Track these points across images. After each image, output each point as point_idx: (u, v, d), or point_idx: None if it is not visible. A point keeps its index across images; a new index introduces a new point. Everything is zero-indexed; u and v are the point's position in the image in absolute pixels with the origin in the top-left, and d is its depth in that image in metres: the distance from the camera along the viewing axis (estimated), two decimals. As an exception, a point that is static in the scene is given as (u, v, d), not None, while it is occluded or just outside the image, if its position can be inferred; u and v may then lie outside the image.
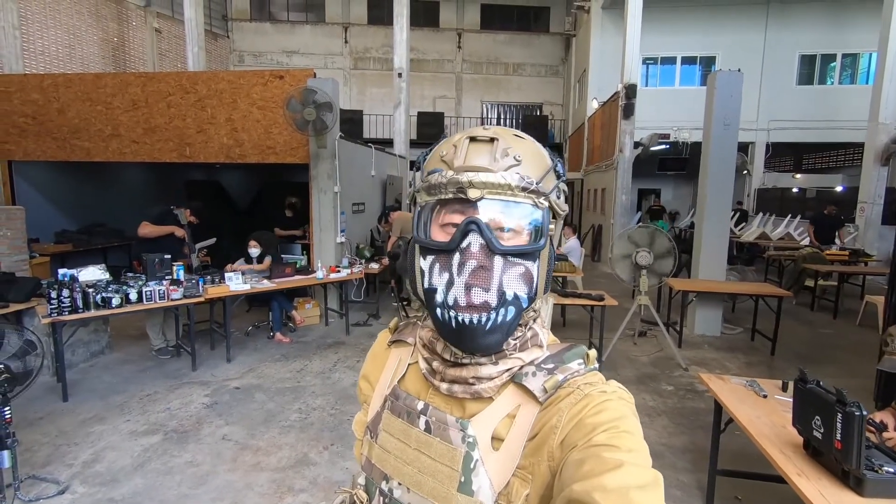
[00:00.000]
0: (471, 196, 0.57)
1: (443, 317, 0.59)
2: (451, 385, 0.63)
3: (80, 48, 12.34)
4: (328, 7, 18.02)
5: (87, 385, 4.14)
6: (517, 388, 0.61)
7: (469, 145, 0.60)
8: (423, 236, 0.62)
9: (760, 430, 2.06)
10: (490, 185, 0.57)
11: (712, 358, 5.00)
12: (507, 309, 0.58)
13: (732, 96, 5.40)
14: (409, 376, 0.71)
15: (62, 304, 3.71)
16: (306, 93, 5.34)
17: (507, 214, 0.58)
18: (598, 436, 0.53)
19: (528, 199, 0.58)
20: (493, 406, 0.61)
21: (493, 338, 0.58)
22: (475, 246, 0.57)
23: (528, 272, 0.59)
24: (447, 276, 0.58)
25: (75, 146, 6.53)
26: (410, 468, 0.63)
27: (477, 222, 0.56)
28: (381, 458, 0.67)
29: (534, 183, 0.58)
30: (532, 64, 18.56)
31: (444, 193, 0.59)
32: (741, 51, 12.89)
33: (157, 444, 3.20)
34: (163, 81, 6.32)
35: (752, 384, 2.52)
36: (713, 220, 5.61)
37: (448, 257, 0.58)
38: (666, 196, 17.07)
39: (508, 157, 0.59)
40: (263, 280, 5.14)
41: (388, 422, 0.67)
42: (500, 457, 0.58)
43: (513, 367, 0.62)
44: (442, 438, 0.61)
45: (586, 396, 0.57)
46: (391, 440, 0.66)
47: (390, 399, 0.69)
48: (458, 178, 0.58)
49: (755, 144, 13.52)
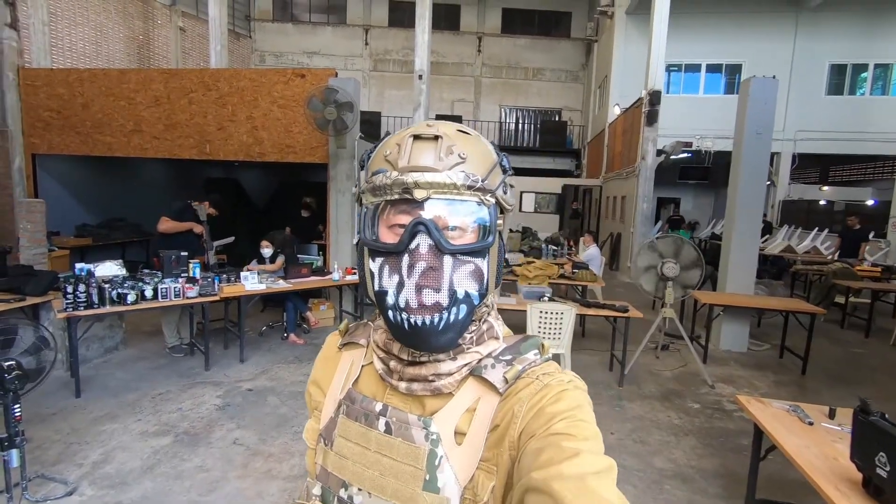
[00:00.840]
0: (417, 197, 0.57)
1: (395, 319, 0.59)
2: (411, 384, 0.63)
3: (107, 45, 12.51)
4: (349, 9, 18.09)
5: (101, 381, 4.10)
6: (477, 381, 0.62)
7: (413, 144, 0.59)
8: (371, 238, 0.61)
9: (811, 462, 1.91)
10: (436, 184, 0.56)
11: (739, 375, 4.80)
12: (458, 308, 0.58)
13: (767, 104, 5.21)
14: (363, 378, 0.69)
15: (78, 300, 3.67)
16: (328, 92, 5.28)
17: (454, 213, 0.58)
18: (556, 424, 0.54)
19: (474, 197, 0.58)
20: (453, 401, 0.61)
21: (446, 337, 0.59)
22: (424, 247, 0.56)
23: (478, 269, 0.59)
24: (397, 277, 0.58)
25: (98, 141, 6.56)
26: (371, 472, 0.62)
27: (425, 223, 0.56)
28: (337, 465, 0.65)
29: (480, 180, 0.58)
30: (552, 69, 18.40)
31: (389, 194, 0.58)
32: (769, 59, 12.60)
33: (167, 446, 3.13)
34: (185, 78, 6.32)
35: (796, 410, 2.36)
36: (743, 232, 5.42)
37: (397, 259, 0.58)
38: (686, 205, 16.75)
39: (453, 154, 0.58)
40: (279, 280, 5.07)
41: (345, 426, 0.66)
42: (463, 451, 0.59)
43: (471, 361, 0.63)
44: (404, 438, 0.60)
45: (546, 386, 0.58)
46: (348, 445, 0.65)
47: (345, 403, 0.67)
48: (403, 179, 0.57)
49: (781, 155, 13.18)
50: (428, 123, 0.61)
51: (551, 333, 4.05)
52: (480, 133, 0.65)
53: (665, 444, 3.42)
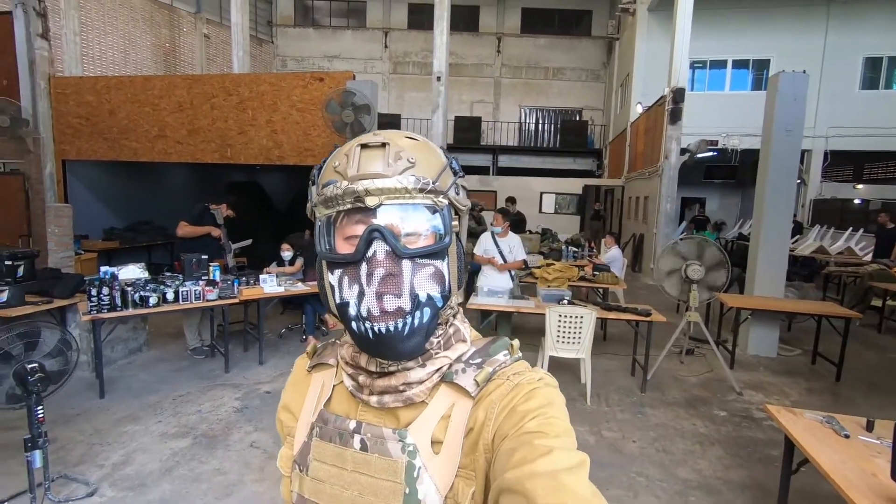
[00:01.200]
0: (369, 204, 0.57)
1: (359, 329, 0.58)
2: (382, 396, 0.62)
3: (135, 53, 12.87)
4: (369, 12, 18.23)
5: (124, 383, 4.18)
6: (449, 388, 0.61)
7: (361, 153, 0.59)
8: (328, 250, 0.61)
9: (848, 479, 1.79)
10: (387, 190, 0.56)
11: (769, 382, 4.62)
12: (422, 311, 0.58)
13: (796, 100, 5.02)
14: (335, 398, 0.68)
15: (102, 302, 3.75)
16: (345, 95, 5.30)
17: (407, 219, 0.58)
18: (528, 423, 0.54)
19: (426, 200, 0.58)
20: (427, 410, 0.61)
21: (412, 342, 0.58)
22: (381, 253, 0.56)
23: (438, 271, 0.59)
24: (357, 287, 0.57)
25: (124, 146, 6.73)
26: (349, 492, 0.61)
27: (379, 229, 0.56)
28: (314, 490, 0.63)
29: (430, 183, 0.58)
30: (573, 68, 18.19)
31: (341, 205, 0.58)
32: (798, 53, 12.19)
33: (186, 448, 3.16)
34: (207, 84, 6.43)
35: (831, 421, 2.23)
36: (772, 233, 5.22)
37: (356, 268, 0.57)
38: (711, 206, 16.33)
39: (402, 159, 0.58)
40: (297, 283, 5.10)
41: (319, 449, 0.64)
42: (441, 460, 0.58)
43: (441, 367, 0.62)
44: (380, 453, 0.59)
45: (517, 386, 0.58)
46: (324, 468, 0.63)
47: (318, 425, 0.65)
48: (353, 188, 0.57)
49: (812, 152, 12.72)
50: (374, 133, 0.62)
51: (571, 337, 3.96)
52: (503, 132, 0.63)
53: (690, 453, 3.30)
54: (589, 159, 17.49)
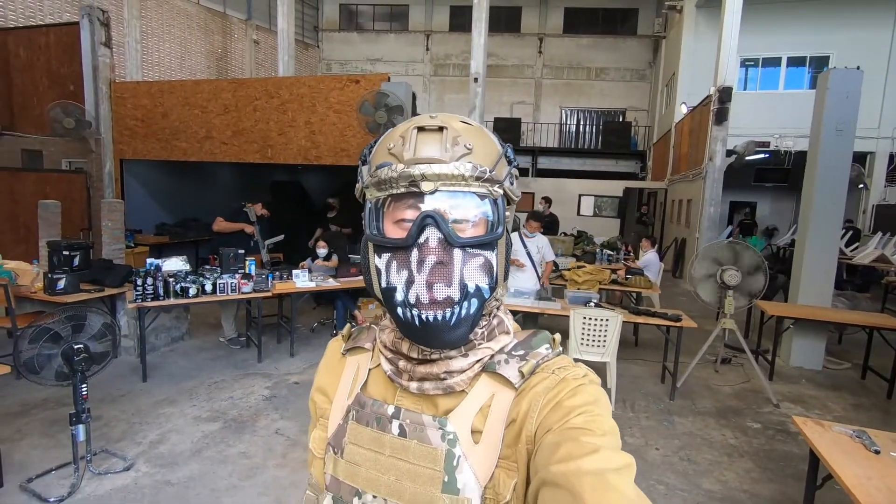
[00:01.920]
0: (424, 189, 0.55)
1: (405, 316, 0.57)
2: (422, 383, 0.61)
3: (189, 59, 13.61)
4: (412, 16, 18.48)
5: (166, 369, 4.44)
6: (490, 378, 0.61)
7: (418, 135, 0.58)
8: (377, 233, 0.59)
9: (871, 496, 1.70)
10: (443, 176, 0.55)
11: (811, 395, 4.37)
12: (470, 302, 0.57)
13: (849, 97, 4.72)
14: (371, 382, 0.68)
15: (146, 292, 4.00)
16: (378, 96, 5.42)
17: (461, 205, 0.57)
18: (574, 418, 0.53)
19: (482, 188, 0.57)
20: (468, 399, 0.60)
21: (459, 332, 0.57)
22: (433, 240, 0.55)
23: (487, 262, 0.58)
24: (406, 273, 0.56)
25: (175, 147, 7.14)
26: (386, 477, 0.60)
27: (433, 216, 0.55)
28: (349, 473, 0.63)
29: (487, 171, 0.56)
30: (616, 68, 17.77)
31: (395, 188, 0.57)
32: (861, 49, 11.41)
33: (216, 431, 3.33)
34: (251, 87, 6.74)
35: (861, 435, 2.11)
36: (819, 238, 4.93)
37: (405, 254, 0.56)
38: (763, 210, 15.53)
39: (459, 145, 0.57)
40: (329, 278, 5.26)
41: (355, 433, 0.64)
42: (481, 450, 0.57)
43: (483, 357, 0.62)
44: (419, 440, 0.59)
45: (563, 380, 0.57)
46: (360, 451, 0.63)
47: (354, 408, 0.65)
48: (409, 172, 0.55)
49: (875, 154, 11.90)
50: (431, 115, 0.60)
51: (595, 341, 3.90)
52: (543, 133, 0.64)
53: (716, 464, 3.18)
54: (632, 161, 17.02)
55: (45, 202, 4.86)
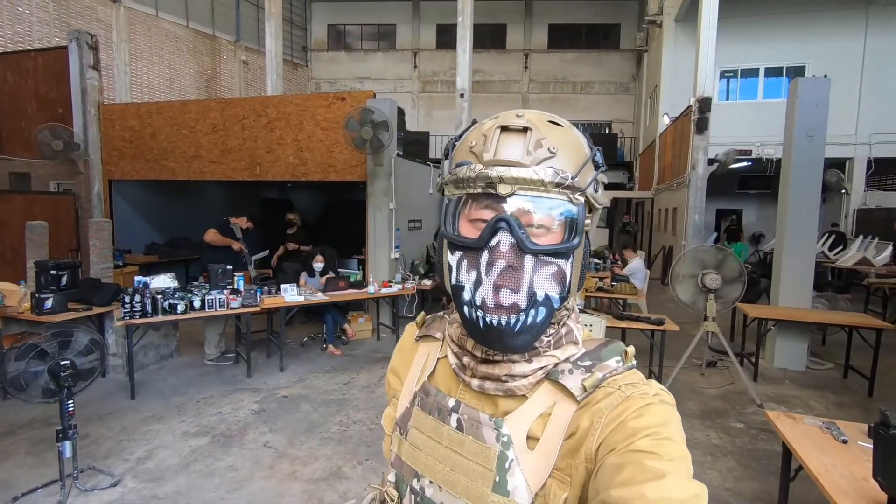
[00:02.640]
0: (501, 192, 0.54)
1: (470, 316, 0.57)
2: (483, 382, 0.61)
3: (179, 80, 13.74)
4: (399, 34, 18.81)
5: (154, 386, 4.44)
6: (553, 386, 0.59)
7: (500, 136, 0.56)
8: (451, 231, 0.59)
9: (835, 482, 1.76)
10: (521, 180, 0.54)
11: (794, 395, 4.45)
12: (537, 310, 0.55)
13: (818, 105, 4.89)
14: (438, 372, 0.69)
15: (134, 309, 4.02)
16: (364, 113, 5.52)
17: (539, 210, 0.55)
18: (639, 441, 0.50)
19: (562, 196, 0.55)
20: (527, 404, 0.59)
21: (522, 339, 0.56)
22: (504, 245, 0.54)
23: (560, 271, 0.56)
24: (475, 274, 0.56)
25: (163, 167, 7.19)
26: (442, 466, 0.61)
27: (507, 220, 0.54)
28: (411, 456, 0.65)
29: (569, 178, 0.55)
30: (601, 82, 18.16)
31: (472, 188, 0.56)
32: (836, 59, 11.78)
33: (204, 446, 3.33)
34: (238, 106, 6.83)
35: (830, 427, 2.18)
36: (796, 241, 5.06)
37: (476, 255, 0.56)
38: (749, 217, 15.79)
39: (542, 148, 0.55)
40: (318, 293, 5.30)
41: (419, 419, 0.66)
42: (535, 457, 0.56)
43: (547, 365, 0.60)
44: (475, 437, 0.59)
45: (628, 398, 0.54)
46: (422, 437, 0.64)
47: (420, 395, 0.67)
48: (487, 173, 0.54)
49: (854, 160, 12.19)
50: (517, 114, 0.58)
51: (580, 346, 3.95)
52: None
53: (699, 464, 3.22)
54: (619, 172, 17.28)
55: (32, 223, 4.88)
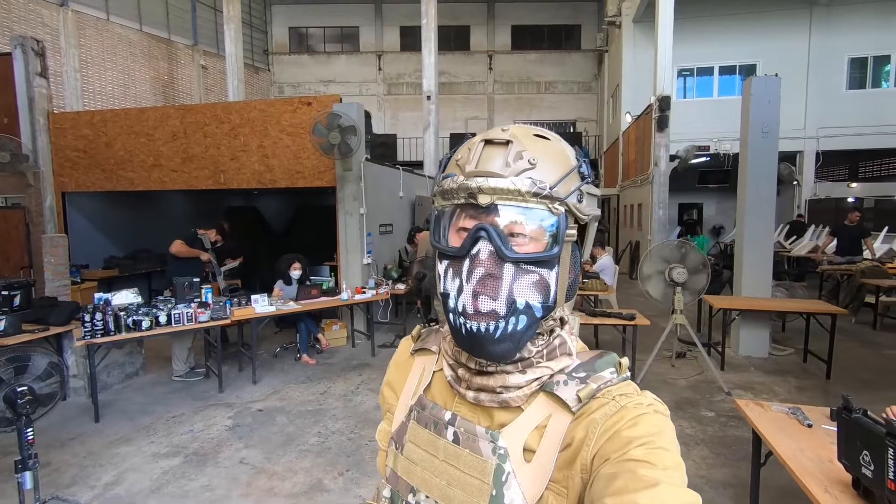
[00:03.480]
0: (481, 202, 0.56)
1: (454, 322, 0.58)
2: (478, 393, 0.62)
3: (134, 86, 13.23)
4: (362, 37, 18.66)
5: (119, 406, 4.25)
6: (548, 398, 0.59)
7: (483, 149, 0.59)
8: (439, 241, 0.62)
9: (803, 465, 1.84)
10: (500, 190, 0.55)
11: (759, 382, 4.63)
12: (517, 318, 0.56)
13: (770, 102, 5.12)
14: (434, 385, 0.69)
15: (95, 328, 3.85)
16: (331, 117, 5.45)
17: (521, 220, 0.57)
18: (633, 450, 0.50)
19: (541, 205, 0.56)
20: (523, 416, 0.59)
21: (502, 346, 0.57)
22: (484, 253, 0.55)
23: (542, 280, 0.57)
24: (458, 282, 0.57)
25: (121, 177, 6.91)
26: (439, 480, 0.61)
27: (486, 228, 0.55)
28: (407, 470, 0.65)
29: (547, 188, 0.56)
30: (564, 81, 18.49)
31: (456, 198, 0.59)
32: (784, 57, 12.35)
33: (176, 466, 3.22)
34: (199, 113, 6.63)
35: (796, 412, 2.28)
36: (755, 233, 5.28)
37: (460, 263, 0.57)
38: (709, 210, 16.38)
39: (522, 160, 0.56)
40: (290, 302, 5.19)
41: (415, 432, 0.66)
42: (532, 469, 0.56)
43: (542, 377, 0.60)
44: (471, 450, 0.59)
45: (623, 408, 0.55)
46: (417, 451, 0.64)
47: (416, 409, 0.67)
48: (467, 184, 0.57)
49: (804, 153, 12.81)
50: (503, 128, 0.60)
51: (555, 344, 4.01)
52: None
53: (674, 454, 3.31)
54: (585, 170, 17.62)
55: (-21, 241, 4.61)
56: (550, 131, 0.62)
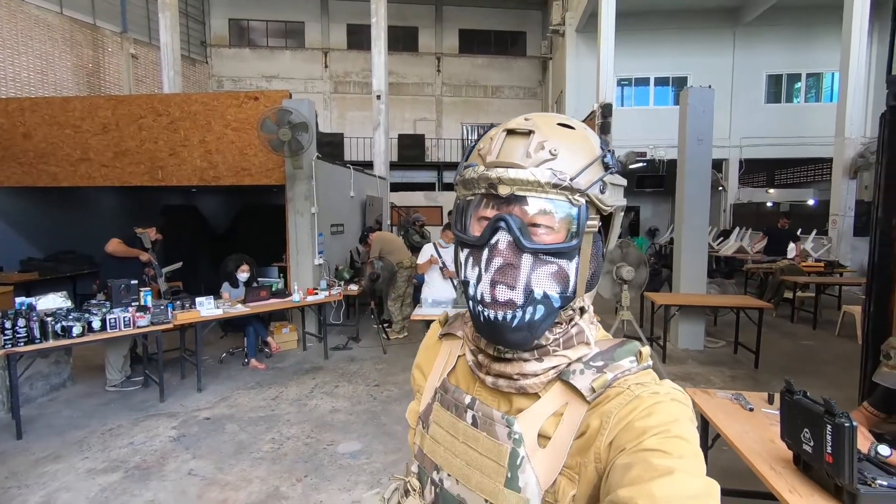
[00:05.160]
0: (501, 192, 0.56)
1: (474, 310, 0.60)
2: (497, 379, 0.63)
3: (53, 73, 12.16)
4: (308, 33, 18.19)
5: (45, 421, 3.89)
6: (564, 386, 0.60)
7: (505, 139, 0.59)
8: (460, 229, 0.62)
9: (749, 446, 1.99)
10: (519, 181, 0.55)
11: (697, 372, 4.95)
12: (535, 308, 0.57)
13: (705, 112, 5.49)
14: (458, 369, 0.72)
15: (17, 335, 3.50)
16: (281, 113, 5.27)
17: (541, 211, 0.57)
18: (648, 440, 0.51)
19: (560, 196, 0.56)
20: (539, 403, 0.60)
21: (519, 335, 0.58)
22: (503, 243, 0.56)
23: (561, 271, 0.57)
24: (478, 270, 0.58)
25: (42, 171, 6.33)
26: (459, 461, 0.63)
27: (506, 219, 0.56)
28: (432, 449, 0.68)
29: (567, 179, 0.56)
30: (510, 86, 18.92)
31: (476, 188, 0.59)
32: (711, 71, 13.31)
33: (116, 482, 2.99)
34: (134, 104, 6.20)
35: (738, 397, 2.46)
36: (691, 235, 5.64)
37: (479, 252, 0.58)
38: (645, 213, 17.32)
39: (544, 150, 0.56)
40: (238, 304, 4.96)
41: (438, 414, 0.68)
42: (546, 455, 0.57)
43: (559, 365, 0.61)
44: (488, 434, 0.61)
45: (637, 398, 0.55)
46: (440, 432, 0.67)
47: (440, 392, 0.69)
48: (487, 174, 0.57)
49: (728, 161, 13.85)
50: (526, 118, 0.60)
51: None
52: (446, 149, 0.65)
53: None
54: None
55: None
56: (576, 120, 0.62)
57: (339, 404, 4.18)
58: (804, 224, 10.56)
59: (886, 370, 1.91)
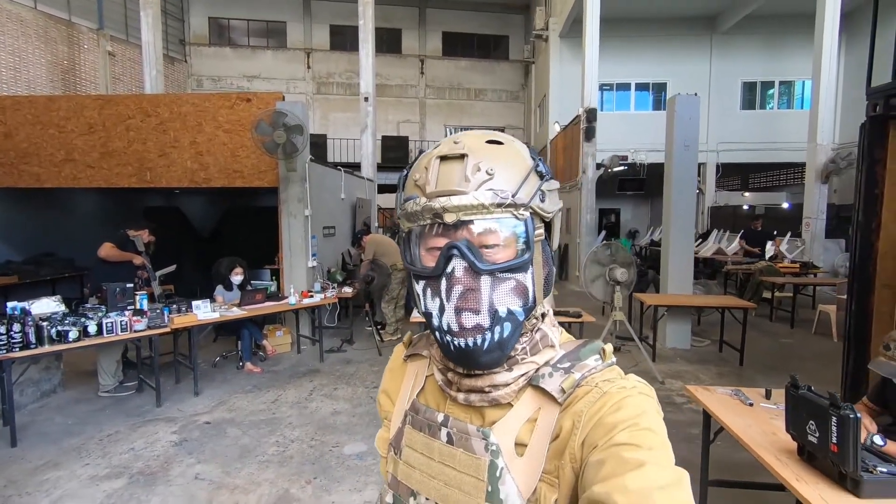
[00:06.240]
0: (447, 221, 0.56)
1: (442, 340, 0.59)
2: (469, 395, 0.62)
3: (27, 70, 11.79)
4: (290, 33, 18.04)
5: (38, 428, 3.80)
6: (535, 391, 0.60)
7: (440, 166, 0.58)
8: (411, 262, 0.62)
9: (754, 438, 2.10)
10: (464, 207, 0.56)
11: (685, 370, 5.12)
12: (502, 326, 0.57)
13: (691, 119, 5.69)
14: (427, 389, 0.70)
15: (13, 340, 3.42)
16: (276, 115, 5.26)
17: (488, 231, 0.57)
18: (618, 434, 0.51)
19: (506, 214, 0.57)
20: (513, 411, 0.60)
21: (492, 356, 0.58)
22: (459, 270, 0.56)
23: (519, 284, 0.58)
24: (438, 301, 0.58)
25: (24, 171, 6.16)
26: (436, 482, 0.62)
27: (457, 246, 0.56)
28: (406, 475, 0.66)
29: (509, 196, 0.56)
30: (493, 89, 19.10)
31: (422, 220, 0.59)
32: (689, 78, 13.70)
33: (121, 488, 2.95)
34: (121, 104, 6.09)
35: (738, 393, 2.58)
36: (678, 237, 5.82)
37: (437, 282, 0.58)
38: (625, 215, 17.69)
39: (480, 171, 0.57)
40: (233, 307, 4.93)
41: (411, 437, 0.66)
42: (525, 463, 0.57)
43: (528, 371, 0.61)
44: (465, 449, 0.60)
45: (605, 394, 0.56)
46: (414, 455, 0.65)
47: (410, 414, 0.68)
48: (431, 205, 0.57)
49: (706, 165, 14.27)
50: (455, 140, 0.60)
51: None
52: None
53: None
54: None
55: None
56: (502, 133, 0.63)
57: (340, 406, 4.20)
58: (778, 226, 10.96)
59: (883, 359, 2.04)
